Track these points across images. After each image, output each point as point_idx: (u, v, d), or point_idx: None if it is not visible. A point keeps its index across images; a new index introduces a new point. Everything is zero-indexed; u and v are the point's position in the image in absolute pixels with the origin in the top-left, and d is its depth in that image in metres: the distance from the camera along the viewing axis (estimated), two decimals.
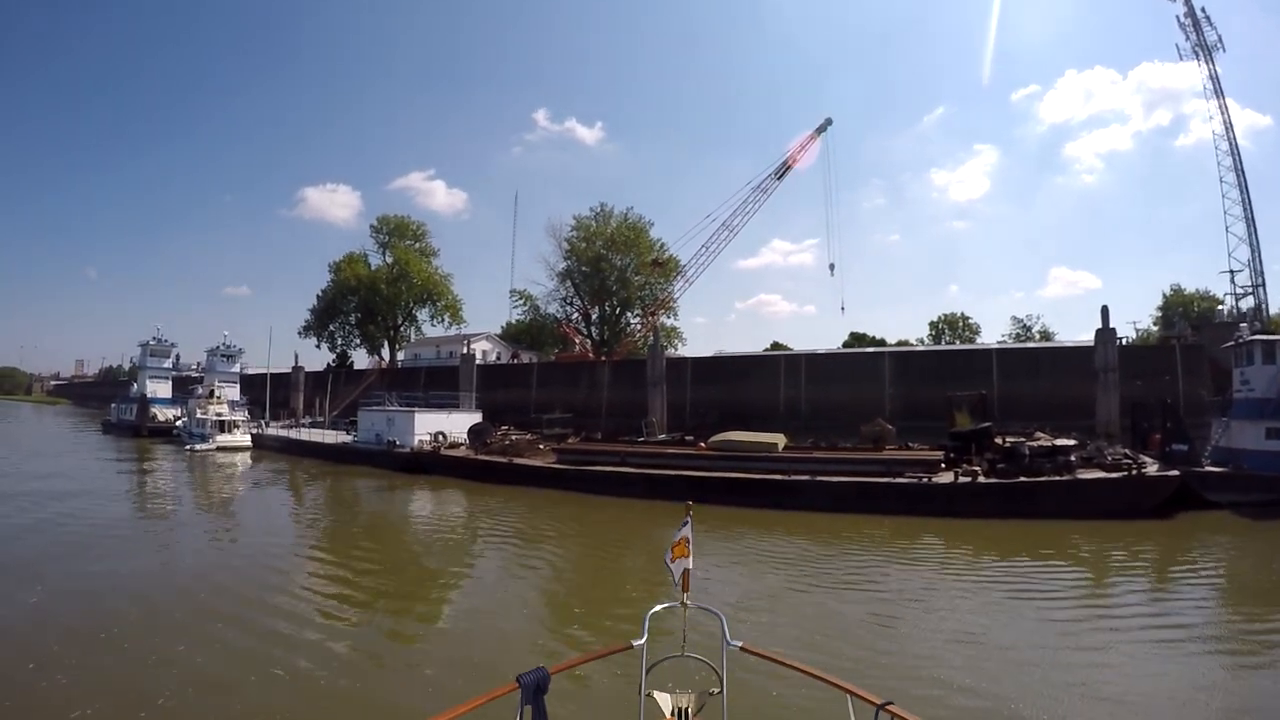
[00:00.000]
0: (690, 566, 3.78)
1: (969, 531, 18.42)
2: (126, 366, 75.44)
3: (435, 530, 20.77)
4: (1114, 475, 20.89)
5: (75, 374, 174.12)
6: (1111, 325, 34.05)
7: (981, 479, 21.02)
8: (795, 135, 55.31)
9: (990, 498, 20.47)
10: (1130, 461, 21.59)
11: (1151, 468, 21.44)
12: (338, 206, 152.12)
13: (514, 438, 32.09)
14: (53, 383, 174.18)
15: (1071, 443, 23.27)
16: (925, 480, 21.49)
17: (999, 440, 23.89)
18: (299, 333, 77.47)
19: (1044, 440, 23.96)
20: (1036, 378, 36.92)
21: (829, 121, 54.84)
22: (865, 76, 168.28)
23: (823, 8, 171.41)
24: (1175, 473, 20.89)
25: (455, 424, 35.13)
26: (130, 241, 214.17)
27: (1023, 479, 20.89)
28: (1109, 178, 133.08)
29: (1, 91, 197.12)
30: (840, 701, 3.17)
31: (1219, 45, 53.29)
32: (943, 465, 22.77)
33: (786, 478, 22.69)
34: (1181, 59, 54.26)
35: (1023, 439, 24.08)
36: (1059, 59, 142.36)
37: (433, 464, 31.21)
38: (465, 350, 55.27)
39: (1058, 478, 20.86)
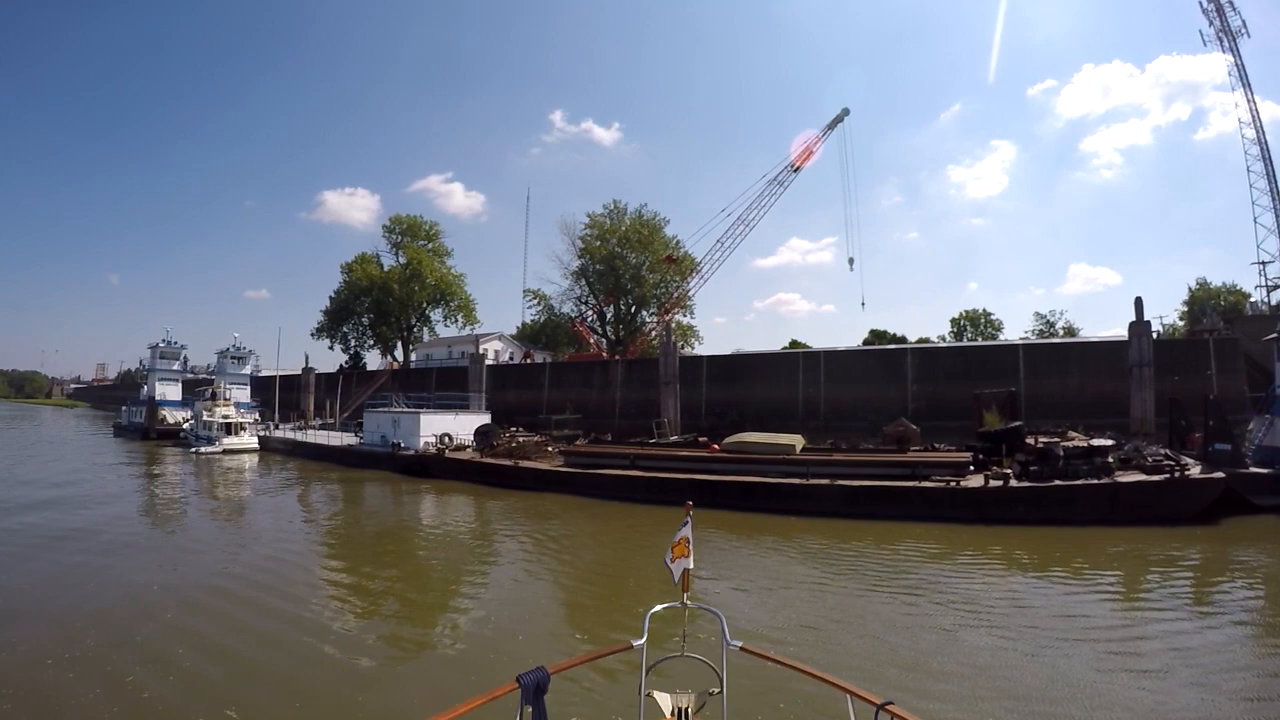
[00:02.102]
0: (690, 566, 3.75)
1: (1001, 540, 17.16)
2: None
3: (432, 535, 19.93)
4: (1155, 478, 19.43)
5: (96, 377, 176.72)
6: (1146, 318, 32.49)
7: (1013, 482, 19.66)
8: (815, 132, 54.09)
9: (1023, 503, 19.13)
10: (1172, 463, 20.18)
11: (1194, 469, 20.03)
12: (357, 209, 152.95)
13: (521, 439, 31.12)
14: (72, 386, 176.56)
15: (1109, 443, 21.86)
16: (953, 484, 20.14)
17: (1031, 440, 22.52)
18: (312, 334, 77.44)
19: (1079, 440, 22.58)
20: (1066, 374, 35.40)
21: (846, 112, 53.99)
22: (881, 74, 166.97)
23: (840, 5, 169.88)
24: (1220, 475, 19.45)
25: (462, 425, 34.34)
26: (152, 247, 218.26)
27: (1057, 482, 19.51)
28: (1128, 172, 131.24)
29: (29, 102, 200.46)
30: (840, 701, 3.15)
31: (1243, 30, 51.63)
32: (971, 468, 21.44)
33: (805, 482, 21.42)
34: (1205, 45, 52.84)
35: (1056, 439, 22.71)
36: (1076, 53, 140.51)
37: (437, 467, 30.36)
38: (475, 350, 54.49)
39: (1095, 481, 19.44)
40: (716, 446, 26.08)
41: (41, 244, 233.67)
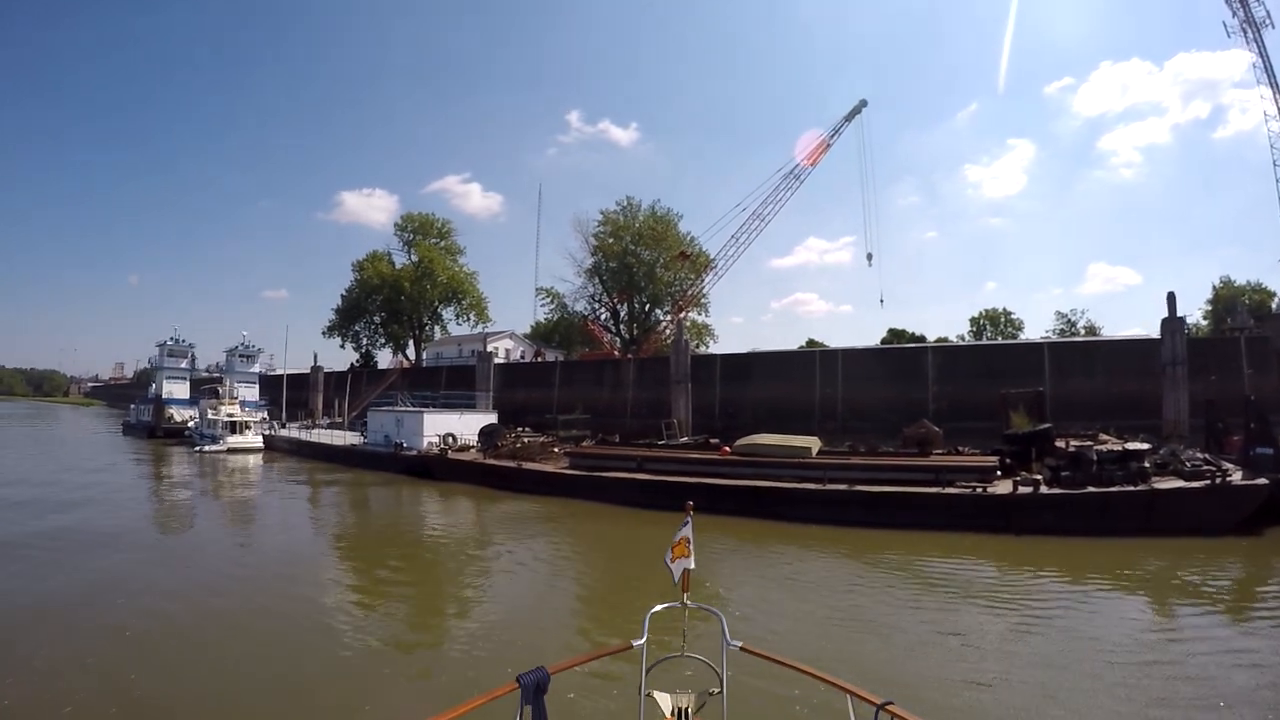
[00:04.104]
0: (691, 566, 3.76)
1: (1033, 551, 16.04)
2: None
3: (430, 538, 19.37)
4: (1195, 485, 18.15)
5: (114, 376, 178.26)
6: (1180, 315, 31.07)
7: (1044, 489, 18.46)
8: (820, 131, 53.19)
9: (1054, 511, 17.92)
10: (1212, 468, 18.91)
11: (1235, 475, 18.72)
12: (374, 210, 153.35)
13: (526, 440, 30.23)
14: (89, 385, 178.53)
15: (1145, 447, 20.59)
16: (980, 490, 18.96)
17: (1061, 444, 21.28)
18: (323, 333, 77.24)
19: (1112, 444, 21.31)
20: (1093, 374, 33.98)
21: (864, 103, 53.11)
22: (898, 73, 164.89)
23: (856, 3, 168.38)
24: (1263, 481, 18.13)
25: (468, 425, 33.50)
26: (170, 248, 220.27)
27: (1091, 489, 18.28)
28: (1147, 171, 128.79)
29: (48, 102, 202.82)
30: (840, 701, 3.13)
31: (1268, 21, 49.89)
32: (998, 472, 20.23)
33: (821, 487, 20.31)
34: (1229, 36, 51.08)
35: (1089, 442, 21.45)
36: (1093, 50, 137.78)
37: (439, 468, 29.57)
38: (483, 349, 53.78)
39: (1131, 488, 18.18)
40: (728, 449, 25.03)
41: (58, 244, 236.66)
